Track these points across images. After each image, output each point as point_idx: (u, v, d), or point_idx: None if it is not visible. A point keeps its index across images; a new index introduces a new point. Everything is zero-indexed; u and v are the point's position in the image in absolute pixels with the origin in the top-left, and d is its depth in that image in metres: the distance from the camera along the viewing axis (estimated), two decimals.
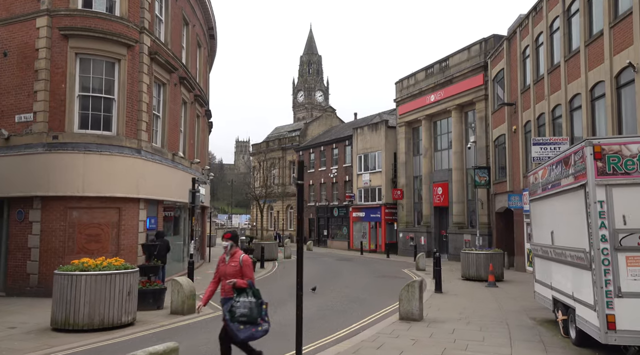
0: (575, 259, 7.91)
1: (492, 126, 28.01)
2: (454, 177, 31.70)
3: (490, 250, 19.66)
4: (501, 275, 19.17)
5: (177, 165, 19.42)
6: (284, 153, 57.20)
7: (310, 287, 16.25)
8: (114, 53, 15.53)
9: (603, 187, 7.10)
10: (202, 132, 25.82)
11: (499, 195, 26.59)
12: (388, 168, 39.59)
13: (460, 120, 32.03)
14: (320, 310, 12.78)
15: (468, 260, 19.55)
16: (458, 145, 31.75)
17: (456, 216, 31.46)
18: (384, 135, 39.91)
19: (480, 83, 29.59)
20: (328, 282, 19.36)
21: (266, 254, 29.66)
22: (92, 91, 15.38)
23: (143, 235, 16.31)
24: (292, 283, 18.25)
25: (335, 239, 46.88)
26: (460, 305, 13.26)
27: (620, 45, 15.33)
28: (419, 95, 35.65)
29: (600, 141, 7.21)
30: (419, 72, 36.20)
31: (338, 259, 32.61)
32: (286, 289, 17.07)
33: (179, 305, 11.63)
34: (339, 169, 46.46)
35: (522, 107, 23.51)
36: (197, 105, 23.77)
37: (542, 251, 10.26)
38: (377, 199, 40.48)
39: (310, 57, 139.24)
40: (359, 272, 23.74)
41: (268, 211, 59.95)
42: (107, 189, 15.00)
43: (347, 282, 19.40)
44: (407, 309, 10.50)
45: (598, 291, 7.01)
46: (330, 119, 58.87)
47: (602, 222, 7.03)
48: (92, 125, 15.28)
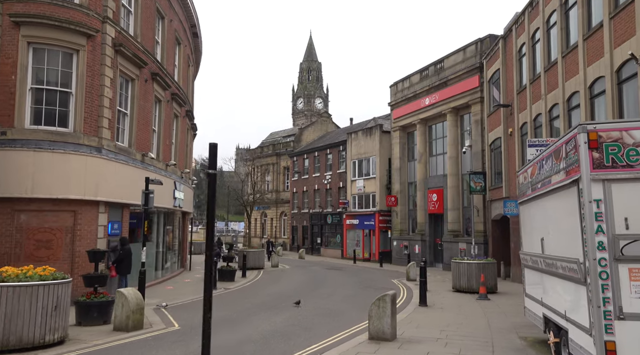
0: (568, 271, 6.57)
1: (487, 130, 26.70)
2: (449, 183, 30.35)
3: (483, 260, 18.26)
4: (494, 287, 17.77)
5: (147, 166, 18.13)
6: (278, 159, 55.93)
7: (293, 300, 15.06)
8: (72, 43, 14.30)
9: (600, 182, 5.77)
10: (182, 133, 24.55)
11: (495, 201, 25.22)
12: (382, 174, 38.27)
13: (456, 124, 30.75)
14: (286, 326, 11.42)
15: (459, 270, 18.16)
16: (453, 150, 30.44)
17: (451, 224, 30.07)
18: (378, 140, 38.63)
19: (475, 85, 28.34)
20: (309, 292, 18.01)
21: (251, 262, 28.33)
22: (47, 84, 14.14)
23: (103, 241, 14.99)
24: (264, 298, 16.87)
25: (328, 247, 45.44)
26: (444, 321, 11.88)
27: (621, 37, 14.06)
28: (414, 99, 34.41)
29: (596, 127, 5.88)
30: (414, 75, 34.99)
31: (328, 268, 31.21)
32: (250, 307, 15.74)
33: (123, 321, 10.29)
34: (333, 175, 45.15)
35: (518, 109, 22.22)
36: (175, 105, 22.51)
37: (531, 261, 8.92)
38: (371, 206, 39.12)
39: (310, 64, 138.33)
40: (345, 282, 22.35)
41: (262, 218, 58.58)
42: (59, 190, 13.70)
43: (329, 293, 18.03)
44: (378, 327, 9.14)
45: (594, 311, 5.66)
46: (326, 125, 57.63)
47: (599, 226, 5.70)
48: (46, 121, 14.01)
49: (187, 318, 12.25)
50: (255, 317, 12.67)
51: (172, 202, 21.50)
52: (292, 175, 51.85)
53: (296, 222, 51.09)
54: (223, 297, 16.83)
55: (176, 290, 18.31)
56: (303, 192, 49.77)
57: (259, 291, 18.64)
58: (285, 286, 20.34)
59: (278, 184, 55.85)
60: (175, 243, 24.10)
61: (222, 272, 21.28)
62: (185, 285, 20.02)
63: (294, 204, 51.37)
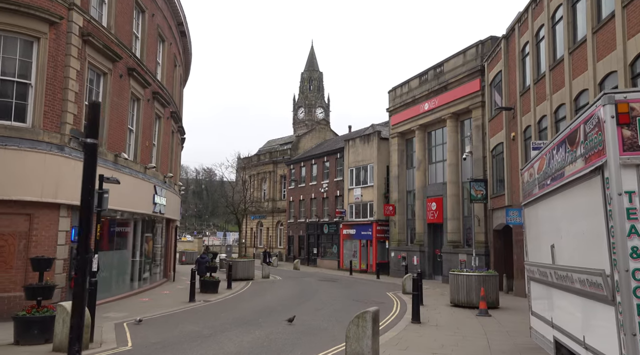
0: (588, 286, 5.16)
1: (489, 135, 25.34)
2: (449, 191, 28.93)
3: (483, 272, 16.77)
4: (496, 301, 16.28)
5: (121, 168, 16.80)
6: (275, 167, 54.59)
7: (275, 314, 13.73)
8: (32, 30, 13.06)
9: (633, 169, 4.40)
10: (166, 135, 23.23)
11: (496, 210, 23.78)
12: (380, 182, 36.87)
13: (456, 130, 29.41)
14: (255, 346, 9.96)
15: (457, 282, 16.69)
16: (453, 157, 29.06)
17: (451, 234, 28.60)
18: (376, 148, 37.28)
19: (476, 88, 27.06)
20: (295, 306, 16.56)
21: (240, 273, 26.90)
22: (3, 74, 12.86)
23: (64, 249, 13.60)
24: (243, 313, 15.35)
25: (325, 258, 43.89)
26: (438, 342, 10.41)
27: (635, 27, 12.75)
28: (413, 104, 33.12)
29: (627, 96, 4.49)
30: (413, 80, 33.74)
31: (321, 279, 29.70)
32: (224, 322, 14.31)
33: (64, 340, 8.86)
34: (330, 183, 43.75)
35: (521, 111, 20.87)
36: (157, 105, 21.22)
37: (539, 273, 7.50)
38: (369, 215, 37.66)
39: (311, 74, 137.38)
40: (336, 295, 20.86)
41: (258, 227, 57.09)
42: (12, 191, 12.36)
43: (316, 307, 16.57)
44: (356, 350, 7.71)
45: (628, 341, 4.25)
46: (324, 132, 56.37)
47: (633, 227, 4.31)
48: (1, 115, 12.73)
49: (145, 336, 10.82)
50: (225, 334, 11.23)
51: (152, 207, 20.13)
52: (288, 183, 50.48)
53: (292, 232, 49.61)
54: (199, 311, 15.40)
55: (151, 303, 16.88)
56: (300, 201, 48.34)
57: (240, 304, 17.19)
58: (270, 299, 18.88)
59: (275, 193, 54.45)
60: (156, 252, 22.68)
61: (205, 283, 19.85)
62: (162, 298, 18.57)
63: (291, 213, 49.93)
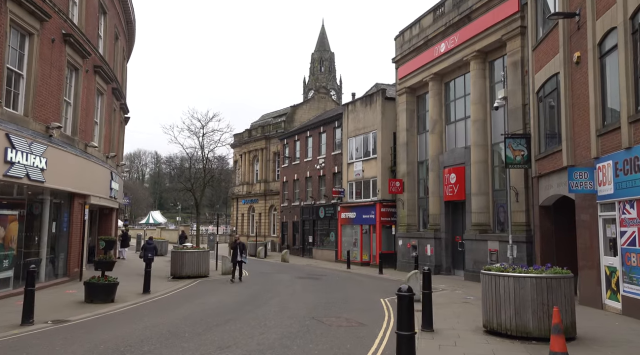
0: None
1: (533, 70, 17.63)
2: (474, 158, 21.38)
3: (549, 272, 9.08)
4: (571, 327, 8.81)
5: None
6: (267, 143, 47.36)
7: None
8: None
9: None
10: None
11: (545, 177, 16.20)
12: (385, 153, 29.41)
13: (483, 74, 21.76)
14: None
15: (496, 290, 9.16)
16: (480, 111, 21.47)
17: (476, 214, 21.08)
18: (380, 111, 29.77)
19: (514, 10, 19.38)
20: (214, 327, 9.42)
21: (187, 269, 19.85)
22: None
23: None
24: None
25: (321, 248, 36.59)
26: None
27: None
28: (425, 47, 25.49)
29: None
30: (425, 16, 26.03)
31: (303, 276, 22.49)
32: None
33: None
34: (327, 158, 36.37)
35: (593, 13, 13.15)
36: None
37: None
38: (372, 195, 30.27)
39: (322, 54, 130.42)
40: (299, 305, 13.62)
41: (250, 213, 50.05)
42: None
43: (250, 333, 9.33)
44: None
45: None
46: (324, 102, 48.83)
47: None
48: None
49: None
50: None
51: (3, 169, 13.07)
52: (282, 161, 43.23)
53: (286, 218, 42.37)
54: (9, 345, 8.28)
55: None
56: (294, 181, 41.07)
57: (107, 331, 9.99)
58: (183, 315, 11.71)
59: (267, 173, 47.25)
60: (42, 242, 15.41)
61: (92, 288, 12.74)
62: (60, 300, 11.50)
63: (284, 195, 42.70)
